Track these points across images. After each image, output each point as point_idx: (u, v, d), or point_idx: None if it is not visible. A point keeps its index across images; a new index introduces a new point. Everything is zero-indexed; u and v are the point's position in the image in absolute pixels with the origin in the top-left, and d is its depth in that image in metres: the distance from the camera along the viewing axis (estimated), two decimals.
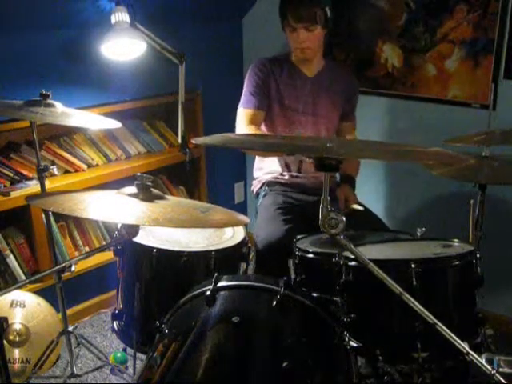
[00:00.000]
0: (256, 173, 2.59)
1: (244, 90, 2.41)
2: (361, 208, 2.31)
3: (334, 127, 2.48)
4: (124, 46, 2.46)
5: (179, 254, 1.79)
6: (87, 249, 2.77)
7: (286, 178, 2.46)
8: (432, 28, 2.55)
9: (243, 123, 2.34)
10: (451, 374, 1.65)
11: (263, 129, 2.43)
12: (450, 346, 1.33)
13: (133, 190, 1.46)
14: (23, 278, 2.48)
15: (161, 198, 1.47)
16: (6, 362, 1.34)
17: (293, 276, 1.90)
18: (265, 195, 2.46)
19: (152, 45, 2.56)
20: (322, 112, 2.41)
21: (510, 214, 2.51)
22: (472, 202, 2.00)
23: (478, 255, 1.62)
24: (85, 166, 2.71)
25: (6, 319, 1.30)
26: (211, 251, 1.80)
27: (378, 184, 2.91)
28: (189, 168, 2.93)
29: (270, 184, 2.48)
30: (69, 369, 2.27)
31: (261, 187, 2.53)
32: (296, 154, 2.27)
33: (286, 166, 2.46)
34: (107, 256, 2.65)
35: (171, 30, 2.74)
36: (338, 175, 2.46)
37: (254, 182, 2.61)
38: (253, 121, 2.34)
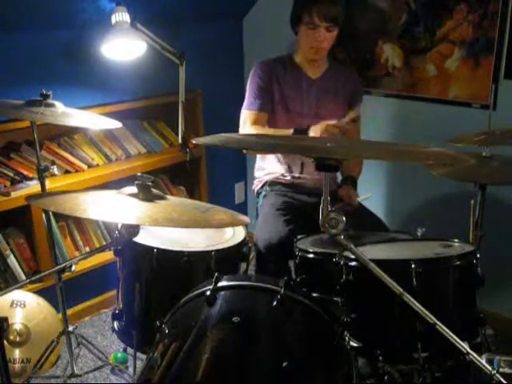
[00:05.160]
0: (257, 173, 2.59)
1: (247, 92, 2.41)
2: (369, 195, 2.34)
3: None
4: (124, 46, 2.46)
5: (179, 253, 1.79)
6: (87, 249, 2.77)
7: (288, 178, 2.46)
8: (432, 28, 2.55)
9: (247, 124, 2.35)
10: (451, 373, 1.65)
11: None
12: (450, 346, 1.33)
13: (133, 190, 1.46)
14: (23, 277, 2.48)
15: (161, 197, 1.47)
16: (6, 361, 1.34)
17: (293, 276, 1.90)
18: (265, 195, 2.46)
19: (152, 45, 2.56)
20: (325, 114, 2.39)
21: (510, 213, 2.51)
22: (472, 202, 1.99)
23: (478, 255, 1.62)
24: (85, 166, 2.71)
25: (6, 319, 1.30)
26: (211, 251, 1.79)
27: (378, 184, 2.91)
28: (189, 168, 2.93)
29: (271, 184, 2.48)
30: (69, 369, 2.27)
31: (262, 187, 2.53)
32: (298, 155, 2.26)
33: (289, 168, 2.46)
34: (107, 256, 2.65)
35: (171, 30, 2.74)
36: (339, 177, 2.46)
37: (255, 181, 2.61)
38: (256, 122, 2.34)
